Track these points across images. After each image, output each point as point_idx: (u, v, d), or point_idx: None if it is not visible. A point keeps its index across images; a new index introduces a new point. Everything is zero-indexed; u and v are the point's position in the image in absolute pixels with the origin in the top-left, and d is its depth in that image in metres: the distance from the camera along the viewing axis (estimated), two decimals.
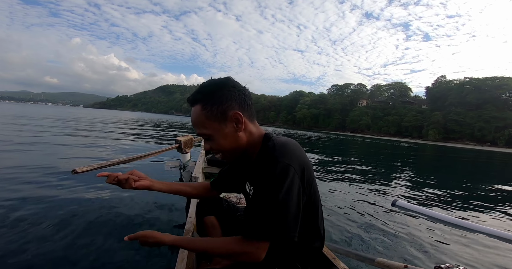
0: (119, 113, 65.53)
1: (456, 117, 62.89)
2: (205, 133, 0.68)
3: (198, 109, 0.67)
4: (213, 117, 0.66)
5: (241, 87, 0.69)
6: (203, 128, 0.68)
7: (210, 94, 0.66)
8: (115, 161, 1.31)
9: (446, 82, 77.25)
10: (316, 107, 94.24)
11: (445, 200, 4.00)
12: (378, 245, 2.08)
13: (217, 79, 0.70)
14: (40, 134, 7.62)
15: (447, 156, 17.55)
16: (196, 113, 0.67)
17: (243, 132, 0.69)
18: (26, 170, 3.40)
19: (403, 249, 2.06)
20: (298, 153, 0.64)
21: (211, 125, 0.67)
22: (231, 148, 0.70)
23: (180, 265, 0.80)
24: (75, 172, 0.99)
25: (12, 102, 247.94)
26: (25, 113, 21.89)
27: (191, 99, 0.68)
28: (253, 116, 0.73)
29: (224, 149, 0.70)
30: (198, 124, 0.68)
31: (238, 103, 0.67)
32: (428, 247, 2.15)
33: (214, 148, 0.71)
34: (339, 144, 19.95)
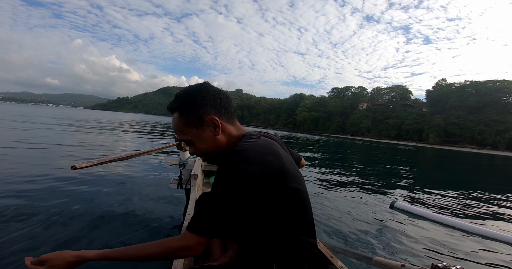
0: (119, 115, 66.09)
1: (457, 120, 62.79)
2: (185, 139, 0.72)
3: (176, 117, 0.70)
4: (190, 123, 0.69)
5: (216, 91, 0.72)
6: (182, 135, 0.71)
7: (185, 101, 0.69)
8: (115, 157, 1.30)
9: (446, 85, 77.25)
10: (316, 110, 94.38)
11: (444, 203, 3.97)
12: (376, 245, 2.09)
13: (192, 86, 0.73)
14: (41, 133, 7.61)
15: (447, 159, 17.49)
16: (175, 121, 0.71)
17: (221, 135, 0.71)
18: (27, 166, 3.52)
19: (401, 249, 2.06)
20: (261, 158, 0.64)
21: (190, 131, 0.70)
22: (211, 151, 0.73)
23: (178, 262, 0.80)
24: (74, 168, 1.01)
25: (13, 103, 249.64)
26: (26, 113, 21.95)
27: (169, 107, 0.72)
28: (232, 117, 0.75)
29: (205, 152, 0.74)
30: (177, 131, 0.72)
31: (213, 108, 0.69)
32: (425, 247, 2.16)
33: (196, 152, 0.74)
34: (338, 146, 19.89)
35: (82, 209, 2.21)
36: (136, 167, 4.27)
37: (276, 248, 0.69)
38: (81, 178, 3.15)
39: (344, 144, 24.37)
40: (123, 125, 17.57)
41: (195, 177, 1.85)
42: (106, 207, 2.29)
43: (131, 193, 2.78)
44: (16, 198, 2.33)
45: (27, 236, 1.65)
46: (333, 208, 3.01)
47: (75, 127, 11.81)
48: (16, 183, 2.75)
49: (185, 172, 2.25)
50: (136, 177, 3.61)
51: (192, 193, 1.61)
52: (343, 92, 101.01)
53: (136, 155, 1.62)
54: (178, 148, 2.21)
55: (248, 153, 0.63)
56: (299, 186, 0.71)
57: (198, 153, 0.74)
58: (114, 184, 3.09)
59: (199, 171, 2.12)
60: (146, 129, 15.08)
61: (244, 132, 0.76)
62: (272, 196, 0.65)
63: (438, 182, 6.43)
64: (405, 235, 2.38)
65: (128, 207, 2.33)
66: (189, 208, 1.27)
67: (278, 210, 0.67)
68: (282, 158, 0.69)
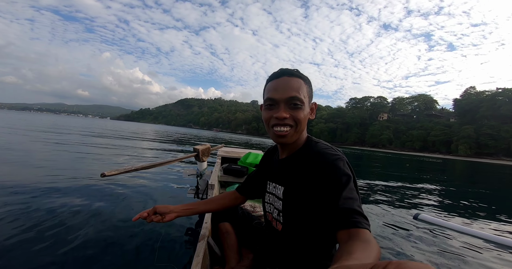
0: (142, 126, 69.41)
1: (490, 130, 58.04)
2: (301, 98, 0.69)
3: (300, 81, 0.71)
4: (309, 93, 0.73)
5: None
6: (301, 94, 0.69)
7: (307, 79, 0.75)
8: (139, 166, 1.43)
9: (476, 93, 72.48)
10: (333, 121, 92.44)
11: (476, 217, 3.64)
12: (399, 257, 2.05)
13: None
14: (77, 141, 8.14)
15: (479, 173, 16.07)
16: (297, 82, 0.70)
17: (307, 121, 0.75)
18: (61, 172, 3.80)
19: (426, 261, 1.99)
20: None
21: (306, 97, 0.71)
22: (303, 127, 0.74)
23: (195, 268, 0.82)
24: (103, 175, 1.08)
25: (48, 114, 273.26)
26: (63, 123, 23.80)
27: (289, 72, 0.72)
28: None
29: (300, 122, 0.71)
30: (297, 89, 0.69)
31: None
32: (454, 261, 2.07)
33: (293, 116, 0.70)
34: (357, 158, 19.14)
35: (103, 214, 2.29)
36: (156, 176, 4.34)
37: (294, 260, 0.68)
38: (106, 185, 3.26)
39: (363, 156, 23.42)
40: (150, 135, 18.34)
41: (212, 187, 1.91)
42: (125, 213, 2.35)
43: (150, 201, 2.82)
44: (46, 199, 2.48)
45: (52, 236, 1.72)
46: None
47: (112, 135, 12.49)
48: (48, 186, 2.89)
49: (201, 182, 2.29)
50: (155, 186, 3.64)
51: None
52: (361, 103, 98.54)
53: (158, 164, 1.72)
54: (196, 159, 2.25)
55: (335, 148, 0.73)
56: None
57: (294, 119, 0.70)
58: (135, 192, 3.16)
59: (216, 182, 2.14)
60: (167, 140, 15.58)
61: (306, 134, 0.80)
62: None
63: (468, 196, 5.88)
64: (430, 246, 2.30)
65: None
66: (206, 216, 1.29)
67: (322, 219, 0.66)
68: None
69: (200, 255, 0.88)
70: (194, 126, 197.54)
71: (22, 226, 1.86)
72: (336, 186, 0.60)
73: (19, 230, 1.79)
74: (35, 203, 2.36)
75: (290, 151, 0.77)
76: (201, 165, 2.28)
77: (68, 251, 1.60)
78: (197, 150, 2.21)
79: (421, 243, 2.41)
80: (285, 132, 0.71)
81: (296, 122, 0.70)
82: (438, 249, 2.28)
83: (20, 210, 2.16)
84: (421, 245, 2.34)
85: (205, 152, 2.29)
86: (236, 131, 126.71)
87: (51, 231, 1.84)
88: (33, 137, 8.57)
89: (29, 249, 1.57)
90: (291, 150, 0.77)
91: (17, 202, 2.32)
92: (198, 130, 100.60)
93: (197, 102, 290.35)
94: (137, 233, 1.98)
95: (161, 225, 2.20)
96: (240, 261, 0.97)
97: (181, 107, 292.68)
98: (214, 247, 1.09)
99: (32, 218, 2.03)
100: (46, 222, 1.99)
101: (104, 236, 1.88)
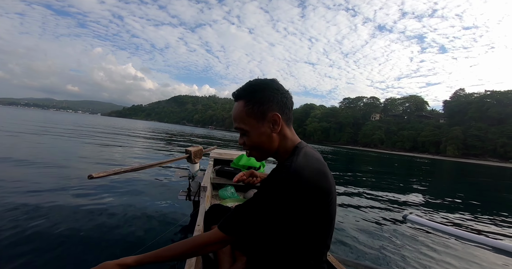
0: (133, 122, 68.20)
1: (477, 132, 59.85)
2: (242, 128, 0.72)
3: (240, 105, 0.71)
4: (253, 114, 0.69)
5: (284, 90, 0.72)
6: (241, 123, 0.71)
7: (254, 93, 0.70)
8: (128, 168, 1.37)
9: (465, 95, 74.56)
10: (327, 121, 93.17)
11: (459, 217, 3.79)
12: (388, 258, 2.07)
13: (262, 80, 0.73)
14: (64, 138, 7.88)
15: (466, 173, 16.59)
16: (238, 109, 0.72)
17: (277, 134, 0.71)
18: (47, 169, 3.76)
19: (413, 263, 2.02)
20: (314, 179, 0.63)
21: (250, 122, 0.70)
22: (262, 146, 0.72)
23: None
24: (91, 177, 1.02)
25: (36, 109, 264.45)
26: (52, 119, 23.06)
27: (236, 94, 0.73)
28: (290, 121, 0.75)
29: (256, 146, 0.73)
30: (237, 119, 0.72)
31: (278, 106, 0.70)
32: (440, 261, 2.11)
33: (246, 143, 0.74)
34: (350, 158, 19.41)
35: (93, 217, 2.24)
36: (146, 178, 4.26)
37: (288, 263, 0.69)
38: (93, 187, 3.17)
39: (356, 155, 23.76)
40: (142, 133, 17.99)
41: (205, 189, 1.89)
42: (115, 216, 2.31)
43: (140, 203, 2.79)
44: (29, 201, 2.41)
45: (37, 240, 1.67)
46: (342, 220, 2.95)
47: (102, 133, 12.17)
48: (32, 187, 2.80)
49: (194, 184, 2.26)
50: (146, 188, 3.57)
51: (202, 205, 1.60)
52: (355, 103, 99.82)
53: (148, 166, 1.67)
54: (188, 161, 2.23)
55: (305, 173, 0.62)
56: (334, 210, 0.71)
57: (249, 145, 0.73)
58: (125, 194, 3.09)
59: (208, 184, 2.12)
60: (159, 138, 15.32)
61: (298, 140, 0.75)
62: (310, 217, 0.65)
63: (454, 196, 6.05)
64: (418, 248, 2.32)
65: (136, 217, 2.34)
66: (199, 219, 1.27)
67: (309, 230, 0.67)
68: (330, 181, 0.69)
69: (193, 259, 0.88)
70: (187, 124, 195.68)
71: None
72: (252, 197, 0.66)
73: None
74: (13, 202, 2.30)
75: (282, 159, 0.77)
76: (193, 167, 2.25)
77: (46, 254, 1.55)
78: (189, 152, 2.18)
79: (408, 243, 2.45)
80: (249, 154, 0.76)
81: (251, 147, 0.74)
82: (424, 250, 2.32)
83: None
84: (408, 246, 2.38)
85: (197, 154, 2.26)
86: (230, 129, 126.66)
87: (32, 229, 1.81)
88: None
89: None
90: (283, 158, 0.76)
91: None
92: (192, 127, 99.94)
93: (191, 99, 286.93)
94: (127, 235, 1.95)
95: (150, 228, 2.17)
96: (233, 264, 0.97)
97: (175, 104, 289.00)
98: None
99: (10, 217, 1.98)
100: (27, 221, 1.94)
101: (92, 239, 1.84)
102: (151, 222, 2.26)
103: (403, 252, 2.24)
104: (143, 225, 2.16)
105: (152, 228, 2.14)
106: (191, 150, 2.17)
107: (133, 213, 2.41)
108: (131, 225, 2.13)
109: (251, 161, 2.48)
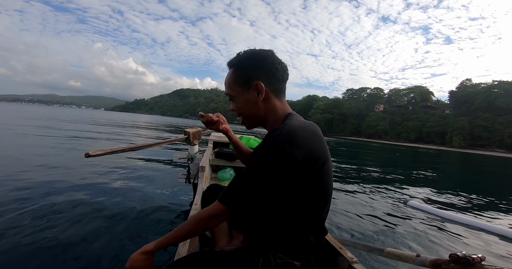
0: (138, 116, 68.72)
1: (484, 122, 58.72)
2: (229, 93, 0.75)
3: (230, 72, 0.74)
4: (239, 81, 0.72)
5: (276, 61, 0.72)
6: (229, 89, 0.75)
7: (243, 61, 0.72)
8: (126, 147, 1.34)
9: (472, 85, 72.64)
10: (330, 112, 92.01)
11: (460, 204, 3.78)
12: (387, 240, 2.09)
13: (256, 50, 0.74)
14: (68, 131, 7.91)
15: (472, 164, 16.42)
16: (228, 75, 0.75)
17: (263, 103, 0.72)
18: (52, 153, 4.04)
19: (414, 244, 2.05)
20: (308, 141, 0.63)
21: (236, 88, 0.73)
22: (248, 114, 0.75)
23: (182, 248, 0.79)
24: (88, 155, 1.01)
25: (40, 105, 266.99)
26: (57, 115, 23.30)
27: (229, 62, 0.76)
28: (281, 91, 0.75)
29: (241, 113, 0.76)
30: (226, 85, 0.76)
31: (265, 75, 0.70)
32: (440, 243, 2.15)
33: (234, 109, 0.77)
34: (353, 148, 19.31)
35: (88, 198, 2.25)
36: (145, 160, 4.26)
37: (284, 238, 0.69)
38: (93, 169, 3.16)
39: (359, 146, 23.63)
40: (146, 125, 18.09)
41: (203, 169, 1.85)
42: (116, 200, 2.31)
43: (141, 187, 2.79)
44: (29, 182, 2.56)
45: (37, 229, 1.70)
46: (344, 204, 2.98)
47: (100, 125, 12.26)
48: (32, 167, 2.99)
49: (193, 167, 2.21)
50: (145, 170, 3.56)
51: (200, 185, 1.56)
52: (358, 94, 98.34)
53: (147, 146, 1.63)
54: (187, 143, 2.16)
55: (297, 134, 0.62)
56: (330, 176, 0.71)
57: (236, 111, 0.77)
58: (123, 178, 3.07)
59: (207, 165, 2.09)
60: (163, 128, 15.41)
61: (289, 110, 0.76)
62: (306, 182, 0.64)
63: (457, 186, 6.02)
64: (418, 232, 2.36)
65: (136, 201, 2.33)
66: (196, 198, 1.25)
67: (305, 197, 0.66)
68: (325, 145, 0.69)
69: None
70: (190, 117, 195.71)
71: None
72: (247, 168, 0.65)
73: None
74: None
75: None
76: (192, 148, 2.20)
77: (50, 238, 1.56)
78: (188, 133, 2.12)
79: (407, 226, 2.48)
80: (240, 120, 0.79)
81: (238, 112, 0.77)
82: (424, 233, 2.34)
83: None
84: (409, 229, 2.39)
85: (196, 135, 2.20)
86: (233, 121, 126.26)
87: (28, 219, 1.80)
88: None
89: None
90: (273, 128, 0.74)
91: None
92: (194, 120, 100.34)
93: (193, 92, 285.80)
94: (126, 215, 1.95)
95: (151, 209, 2.16)
96: (230, 242, 0.97)
97: (177, 98, 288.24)
98: None
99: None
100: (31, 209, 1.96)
101: (90, 219, 1.85)
102: (150, 207, 2.22)
103: (402, 233, 2.26)
104: (142, 211, 2.14)
105: (152, 213, 2.10)
106: (189, 131, 2.11)
107: (131, 199, 2.38)
108: (131, 212, 2.09)
109: (250, 143, 2.42)
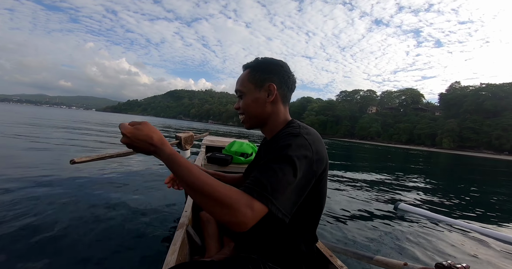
0: (130, 117, 67.69)
1: (472, 124, 60.40)
2: (241, 89, 0.76)
3: (246, 71, 0.77)
4: (253, 80, 0.74)
5: (290, 72, 0.76)
6: (241, 86, 0.76)
7: (261, 64, 0.75)
8: (114, 153, 1.30)
9: (460, 88, 74.72)
10: (324, 114, 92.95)
11: (454, 208, 3.79)
12: (377, 245, 2.07)
13: (274, 58, 0.78)
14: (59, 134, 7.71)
15: (461, 165, 16.81)
16: (243, 74, 0.78)
17: (270, 104, 0.74)
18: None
19: (403, 249, 2.05)
20: (317, 142, 0.63)
21: (248, 86, 0.75)
22: (253, 112, 0.76)
23: (171, 258, 0.74)
24: (73, 162, 0.98)
25: (29, 105, 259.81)
26: (46, 115, 22.66)
27: (245, 64, 0.79)
28: (287, 100, 0.78)
29: (247, 111, 0.76)
30: (239, 82, 0.77)
31: (279, 80, 0.74)
32: (429, 247, 2.14)
33: (241, 107, 0.77)
34: (346, 150, 19.51)
35: (76, 202, 2.20)
36: (135, 165, 4.15)
37: (275, 247, 0.68)
38: (79, 175, 3.05)
39: (352, 147, 23.89)
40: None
41: None
42: (103, 204, 2.27)
43: (129, 193, 2.69)
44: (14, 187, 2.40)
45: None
46: (333, 208, 2.95)
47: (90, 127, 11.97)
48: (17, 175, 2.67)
49: None
50: (135, 175, 3.46)
51: None
52: (351, 96, 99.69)
53: (135, 152, 1.55)
54: (178, 147, 2.09)
55: (311, 133, 0.65)
56: (326, 183, 0.71)
57: (242, 108, 0.77)
58: (113, 182, 2.98)
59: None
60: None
61: (290, 118, 0.78)
62: (312, 188, 0.62)
63: (450, 187, 6.09)
64: (408, 236, 2.36)
65: (125, 207, 2.26)
66: (186, 205, 1.23)
67: (303, 203, 0.60)
68: (326, 151, 0.70)
69: (177, 244, 0.84)
70: (184, 118, 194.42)
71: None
72: (270, 155, 0.57)
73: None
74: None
75: (272, 133, 0.78)
76: (184, 153, 2.14)
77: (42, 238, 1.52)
78: (179, 137, 2.06)
79: (398, 231, 2.47)
80: (242, 119, 0.80)
81: (243, 109, 0.77)
82: (414, 238, 2.34)
83: None
84: (398, 233, 2.39)
85: (188, 140, 2.15)
86: (227, 123, 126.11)
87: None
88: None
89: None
90: (272, 132, 0.77)
91: None
92: (189, 121, 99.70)
93: (187, 93, 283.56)
94: (112, 222, 1.89)
95: (139, 212, 2.13)
96: (220, 250, 0.94)
97: (171, 99, 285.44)
98: (194, 237, 1.05)
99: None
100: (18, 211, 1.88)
101: (79, 223, 1.82)
102: (139, 213, 2.14)
103: (392, 239, 2.25)
104: (130, 217, 2.06)
105: (140, 219, 2.03)
106: (181, 136, 2.06)
107: (119, 206, 2.29)
108: (118, 218, 2.01)
109: (243, 147, 2.38)
